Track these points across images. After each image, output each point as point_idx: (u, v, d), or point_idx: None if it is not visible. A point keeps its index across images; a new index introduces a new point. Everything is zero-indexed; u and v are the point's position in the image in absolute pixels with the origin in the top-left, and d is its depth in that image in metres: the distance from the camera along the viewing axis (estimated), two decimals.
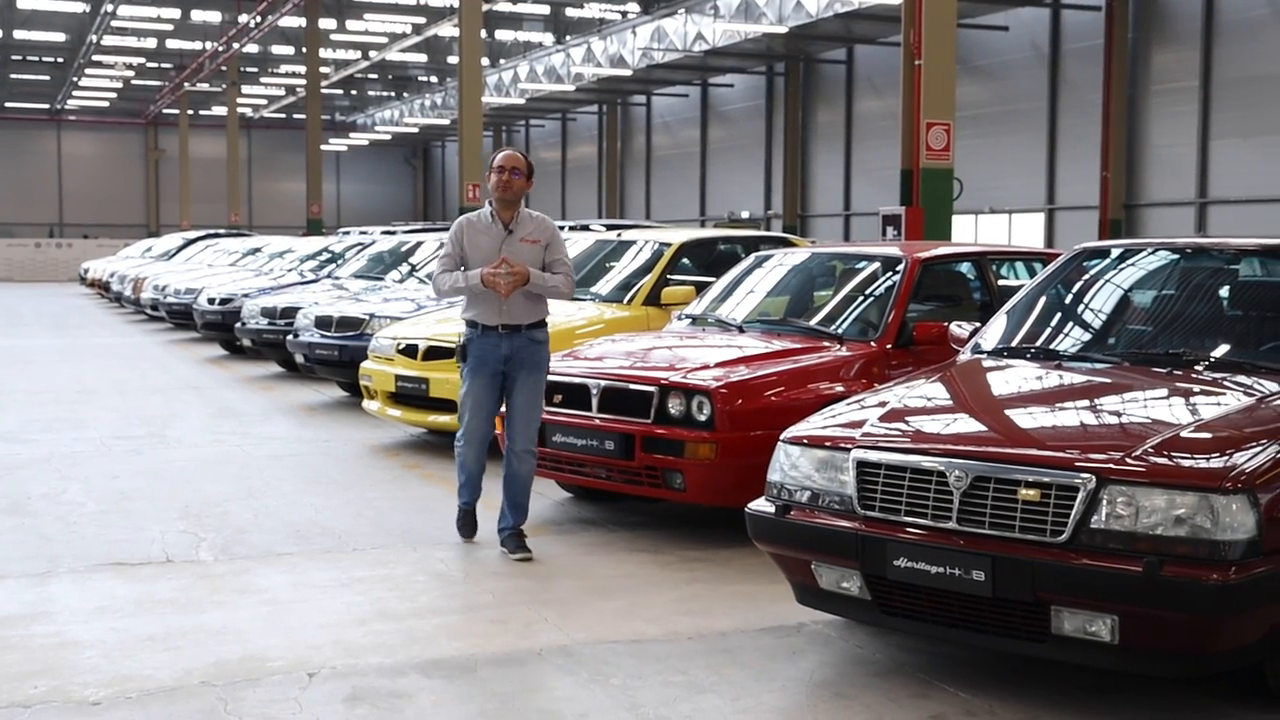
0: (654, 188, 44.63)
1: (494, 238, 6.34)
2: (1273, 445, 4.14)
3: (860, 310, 7.53)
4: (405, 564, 6.23)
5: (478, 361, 6.36)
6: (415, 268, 14.65)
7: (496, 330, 6.31)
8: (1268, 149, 23.92)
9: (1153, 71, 26.44)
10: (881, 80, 32.87)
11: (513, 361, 6.32)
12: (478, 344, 6.36)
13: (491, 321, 6.32)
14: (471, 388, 6.38)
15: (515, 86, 42.59)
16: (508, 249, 6.31)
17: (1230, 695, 4.40)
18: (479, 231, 6.39)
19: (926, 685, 4.56)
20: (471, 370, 6.38)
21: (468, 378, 6.40)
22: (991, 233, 30.00)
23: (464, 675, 4.66)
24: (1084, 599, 4.03)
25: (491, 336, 6.33)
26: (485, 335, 6.34)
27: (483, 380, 6.35)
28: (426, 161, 66.77)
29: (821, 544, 4.59)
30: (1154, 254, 6.22)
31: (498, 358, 6.32)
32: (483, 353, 6.35)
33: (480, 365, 6.35)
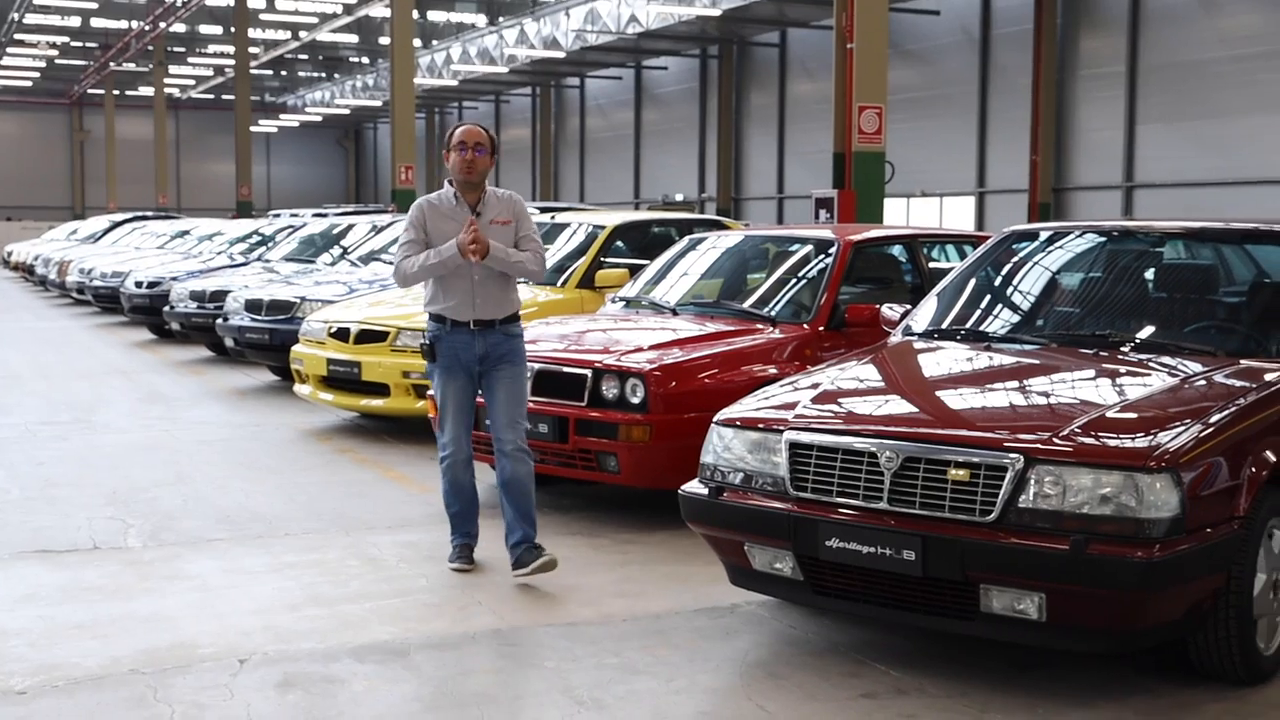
0: (588, 170, 44.56)
1: (460, 222, 5.64)
2: (1196, 425, 4.22)
3: (793, 293, 7.57)
4: (337, 549, 6.19)
5: (450, 360, 5.68)
6: (347, 250, 14.54)
7: (468, 326, 5.65)
8: (1191, 134, 24.31)
9: (1081, 57, 26.77)
10: (814, 63, 33.00)
11: (489, 360, 5.68)
12: (448, 341, 5.67)
13: (463, 316, 5.64)
14: (449, 391, 5.70)
15: (448, 68, 42.30)
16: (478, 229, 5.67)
17: (1155, 671, 4.48)
18: (443, 216, 5.70)
19: (858, 664, 4.60)
20: (444, 370, 5.69)
21: (440, 380, 5.72)
22: (923, 216, 30.26)
23: (397, 659, 4.64)
24: (1012, 577, 4.08)
25: (462, 333, 5.65)
26: (456, 332, 5.65)
27: (460, 381, 5.69)
28: (358, 143, 66.21)
29: (754, 525, 4.62)
30: (1081, 237, 6.31)
31: (472, 356, 5.66)
32: (454, 349, 5.66)
33: (453, 364, 5.67)
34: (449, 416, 5.73)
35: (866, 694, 4.32)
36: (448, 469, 5.76)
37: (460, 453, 5.75)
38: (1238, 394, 4.54)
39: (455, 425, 5.74)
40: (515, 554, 5.61)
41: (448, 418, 5.73)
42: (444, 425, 5.76)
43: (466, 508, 5.82)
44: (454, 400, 5.72)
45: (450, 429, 5.74)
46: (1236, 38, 23.64)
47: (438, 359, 5.71)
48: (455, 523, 5.84)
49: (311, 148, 64.57)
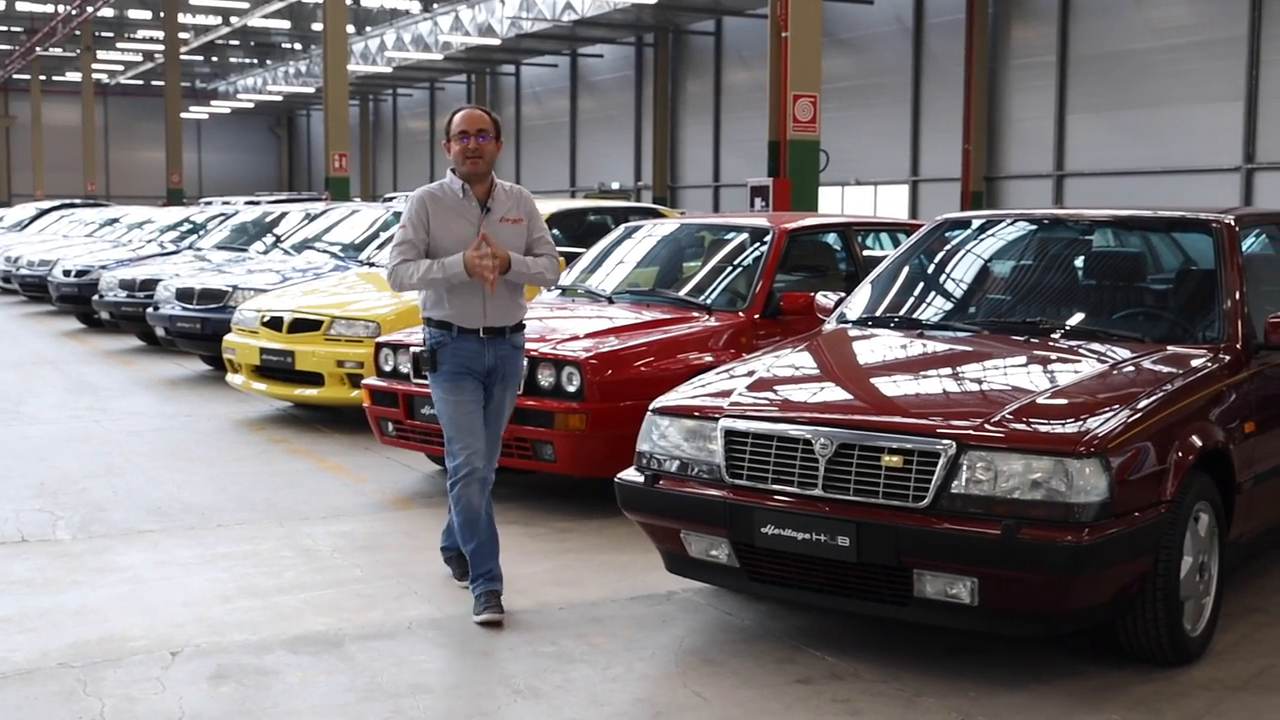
0: (524, 158, 44.39)
1: (469, 218, 5.03)
2: (1124, 410, 4.28)
3: (729, 281, 7.59)
4: (271, 539, 6.13)
5: (458, 371, 5.03)
6: (280, 239, 14.40)
7: (477, 335, 5.03)
8: (1120, 123, 24.63)
9: (1012, 46, 27.03)
10: (750, 52, 33.07)
11: (495, 373, 5.08)
12: (454, 350, 5.02)
13: (472, 324, 5.02)
14: (460, 405, 5.02)
15: (382, 55, 41.97)
16: (487, 231, 5.03)
17: (1085, 653, 4.55)
18: (448, 210, 5.05)
19: (794, 649, 4.63)
20: (452, 383, 5.03)
21: (448, 393, 5.03)
22: (857, 204, 30.45)
23: (332, 650, 4.61)
24: (945, 562, 4.12)
25: (471, 342, 5.03)
26: (463, 340, 5.03)
27: (470, 394, 5.04)
28: (291, 130, 65.56)
29: (690, 513, 4.63)
30: (1013, 225, 6.37)
31: (480, 367, 5.04)
32: (462, 358, 5.02)
33: (462, 375, 5.03)
34: (462, 430, 5.01)
35: (802, 679, 4.35)
36: (462, 491, 4.99)
37: (479, 470, 5.00)
38: (1165, 380, 4.62)
39: (472, 438, 5.02)
40: (446, 555, 5.44)
41: (460, 431, 5.01)
42: (455, 442, 5.02)
43: (486, 542, 5.03)
44: (466, 411, 5.03)
45: (466, 442, 5.01)
46: (1165, 28, 23.97)
47: (440, 368, 5.05)
48: (475, 562, 5.03)
49: (244, 135, 63.82)
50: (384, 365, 7.21)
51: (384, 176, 54.98)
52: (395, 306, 8.95)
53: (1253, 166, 22.67)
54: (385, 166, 55.47)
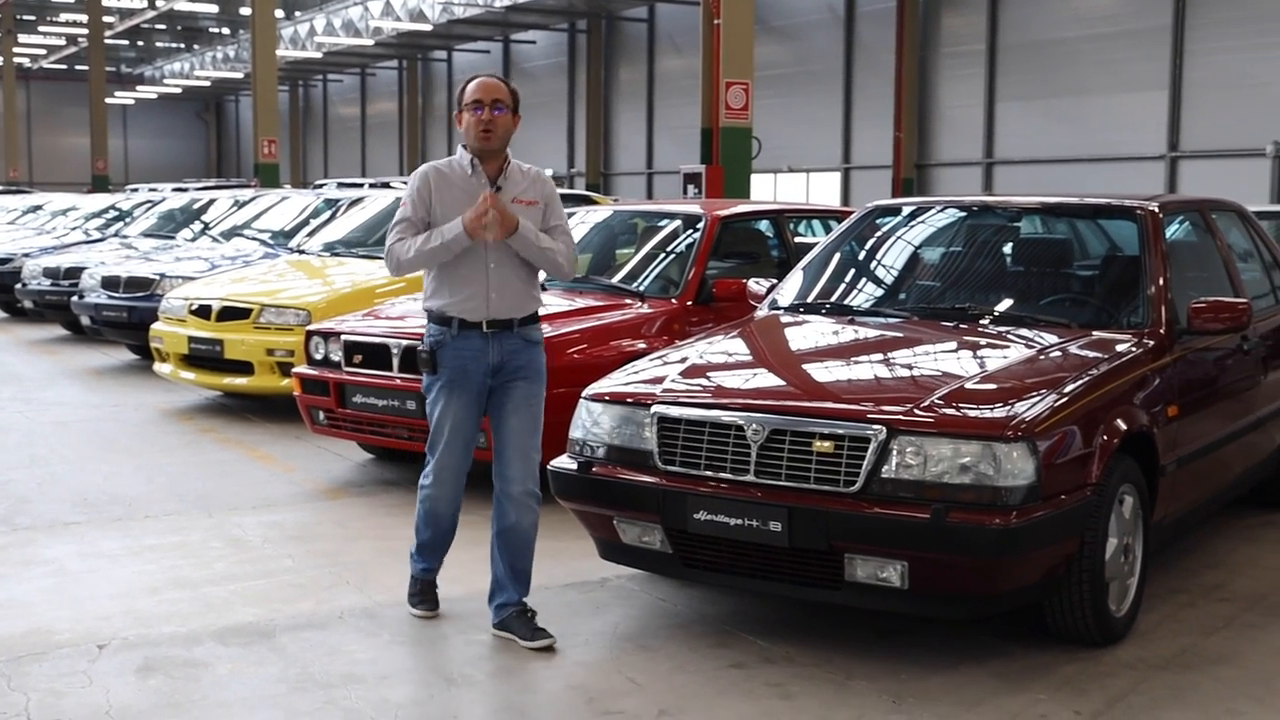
0: (456, 145, 43.92)
1: (476, 197, 4.58)
2: (1051, 395, 4.34)
3: (661, 268, 7.60)
4: (200, 530, 6.07)
5: (457, 372, 4.59)
6: (209, 226, 14.24)
7: (479, 329, 4.58)
8: (1048, 111, 24.92)
9: (943, 35, 27.25)
10: (683, 39, 33.08)
11: (503, 371, 4.62)
12: (454, 348, 4.58)
13: (474, 316, 4.57)
14: (449, 408, 4.63)
15: (312, 40, 41.52)
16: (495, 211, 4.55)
17: (1013, 634, 4.61)
18: (454, 187, 4.62)
19: (727, 635, 4.65)
20: (449, 384, 4.61)
21: (442, 394, 4.63)
22: (790, 191, 30.56)
23: (262, 641, 4.57)
24: (875, 546, 4.15)
25: (473, 338, 4.58)
26: (465, 336, 4.57)
27: (465, 398, 4.61)
28: (220, 116, 64.73)
29: (623, 499, 4.63)
30: (942, 212, 6.43)
31: (483, 367, 4.59)
32: (462, 360, 4.58)
33: (461, 377, 4.59)
34: (443, 440, 4.67)
35: (735, 664, 4.37)
36: (427, 500, 4.76)
37: (447, 488, 4.72)
38: (1090, 365, 4.68)
39: (450, 453, 4.68)
40: (502, 615, 4.66)
41: (441, 441, 4.67)
42: (434, 449, 4.70)
43: (439, 540, 4.85)
44: (454, 417, 4.64)
45: (442, 456, 4.68)
46: (1091, 17, 24.27)
47: (439, 370, 4.62)
48: (422, 551, 4.86)
49: (171, 120, 62.91)
50: (315, 353, 7.15)
51: (315, 163, 54.45)
52: (326, 294, 8.88)
53: (1177, 154, 23.03)
54: (316, 153, 54.94)
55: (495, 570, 4.71)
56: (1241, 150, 21.93)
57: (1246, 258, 6.50)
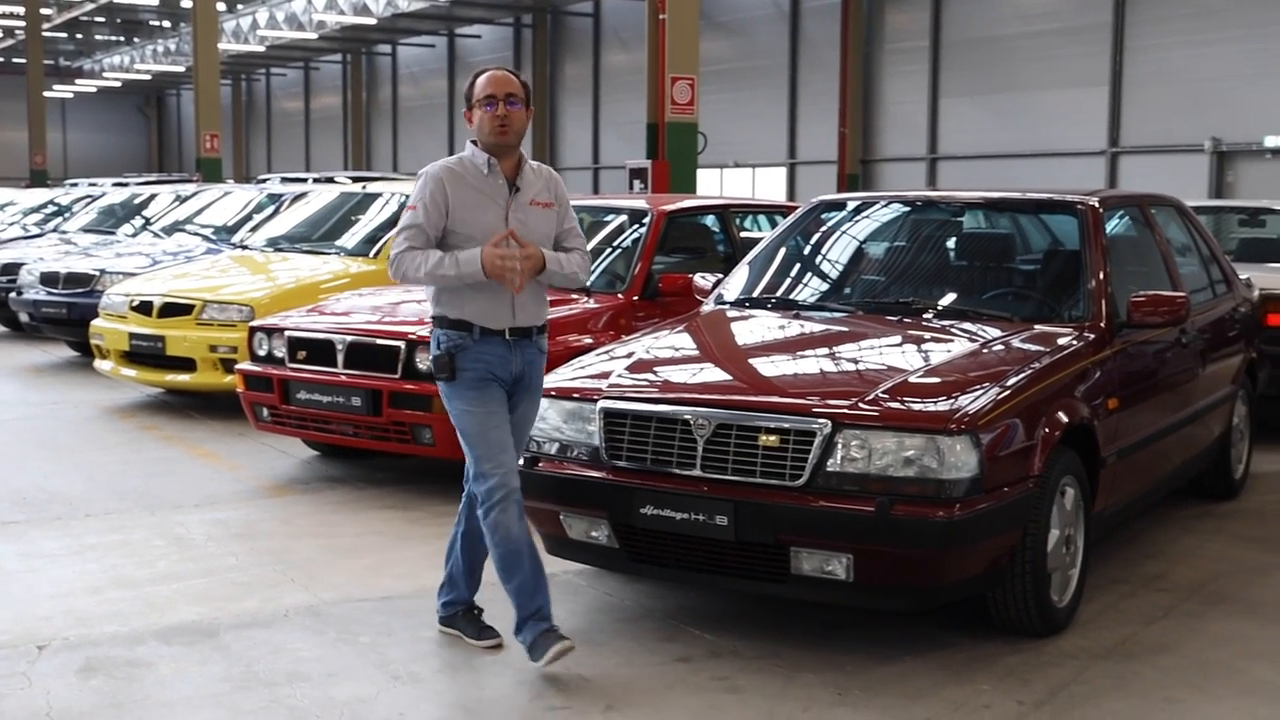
0: (401, 140, 43.90)
1: (496, 200, 4.32)
2: (994, 388, 4.38)
3: (607, 262, 7.59)
4: (142, 529, 6.00)
5: (481, 378, 4.30)
6: (150, 221, 14.08)
7: (502, 337, 4.33)
8: (990, 107, 25.13)
9: (887, 31, 27.39)
10: (628, 34, 33.06)
11: (521, 381, 4.39)
12: (476, 354, 4.30)
13: (497, 324, 4.31)
14: (489, 417, 4.28)
15: (254, 33, 41.12)
16: (516, 216, 4.33)
17: (957, 626, 4.65)
18: (470, 189, 4.32)
19: (674, 629, 4.66)
20: (476, 391, 4.29)
21: (472, 403, 4.29)
22: (736, 186, 30.65)
23: (206, 640, 4.53)
24: (821, 539, 4.17)
25: (495, 344, 4.31)
26: (486, 342, 4.30)
27: (498, 403, 4.32)
28: (161, 110, 64.00)
29: (570, 495, 4.63)
30: (886, 207, 6.47)
31: (506, 375, 4.34)
32: (485, 366, 4.30)
33: (486, 383, 4.30)
34: (493, 446, 4.28)
35: (682, 658, 4.38)
36: (499, 518, 4.24)
37: (516, 491, 4.28)
38: (1032, 358, 4.73)
39: (504, 454, 4.30)
40: (448, 612, 4.57)
41: (491, 448, 4.27)
42: (485, 461, 4.27)
43: (533, 571, 4.29)
44: (495, 424, 4.30)
45: (498, 460, 4.27)
46: (1033, 14, 24.49)
47: (460, 375, 4.31)
48: (521, 601, 4.28)
49: (111, 114, 62.12)
50: (258, 350, 7.10)
51: (258, 157, 53.97)
52: (270, 290, 8.81)
53: (1117, 150, 23.29)
54: (259, 147, 54.46)
55: (451, 568, 4.56)
56: (1180, 146, 22.22)
57: (1185, 252, 6.60)
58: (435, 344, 4.38)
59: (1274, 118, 21.01)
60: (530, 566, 4.27)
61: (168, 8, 46.66)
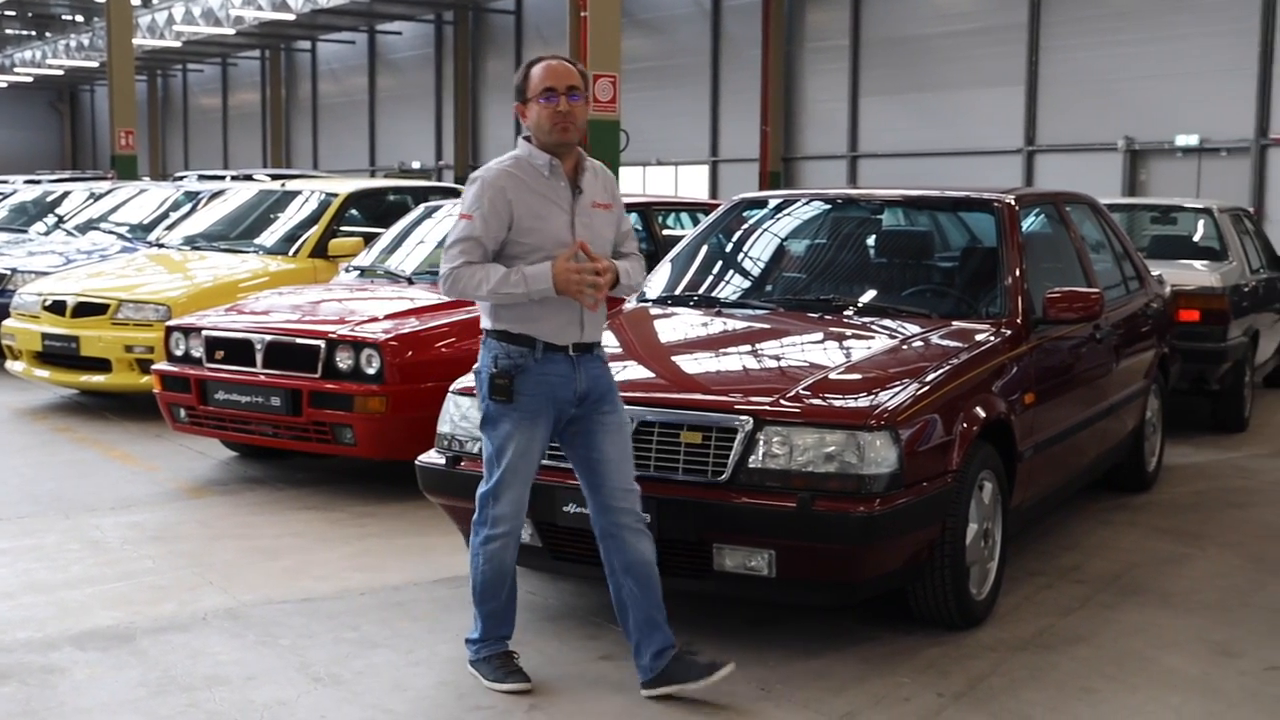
0: (321, 137, 43.46)
1: (560, 204, 3.99)
2: (913, 384, 4.42)
3: None
4: (56, 533, 5.89)
5: (539, 402, 3.98)
6: (63, 219, 13.82)
7: (565, 352, 4.02)
8: (910, 106, 25.39)
9: (808, 29, 27.56)
10: (550, 31, 32.96)
11: (589, 399, 4.05)
12: (538, 374, 3.97)
13: (563, 338, 4.00)
14: (522, 443, 3.99)
15: (170, 29, 40.52)
16: (581, 221, 4.02)
17: (878, 620, 4.69)
18: (533, 194, 3.97)
19: (597, 627, 4.66)
20: (529, 420, 3.98)
21: (518, 425, 3.98)
22: (659, 184, 30.69)
23: (122, 645, 4.45)
24: (743, 536, 4.19)
25: (559, 362, 3.99)
26: (550, 359, 3.99)
27: (541, 432, 4.02)
28: (75, 107, 62.83)
29: None
30: (808, 204, 6.52)
31: (569, 395, 4.01)
32: (549, 386, 3.98)
33: (540, 408, 3.98)
34: (519, 479, 4.03)
35: (605, 656, 4.38)
36: (495, 551, 4.06)
37: (517, 529, 4.11)
38: (951, 354, 4.78)
39: (524, 490, 4.07)
40: (658, 667, 4.04)
41: (509, 478, 4.02)
42: (504, 490, 4.02)
43: (507, 602, 4.16)
44: (528, 461, 4.04)
45: (516, 495, 4.05)
46: (951, 14, 24.78)
47: (516, 399, 3.97)
48: (489, 624, 4.15)
49: (22, 110, 60.86)
50: (175, 350, 7.00)
51: (174, 155, 53.18)
52: (187, 289, 8.69)
53: (1033, 148, 23.63)
54: (176, 144, 53.66)
55: (633, 617, 4.07)
56: (1094, 145, 22.59)
57: (1099, 249, 6.71)
58: (491, 361, 4.01)
59: (1184, 118, 21.43)
60: (509, 594, 4.14)
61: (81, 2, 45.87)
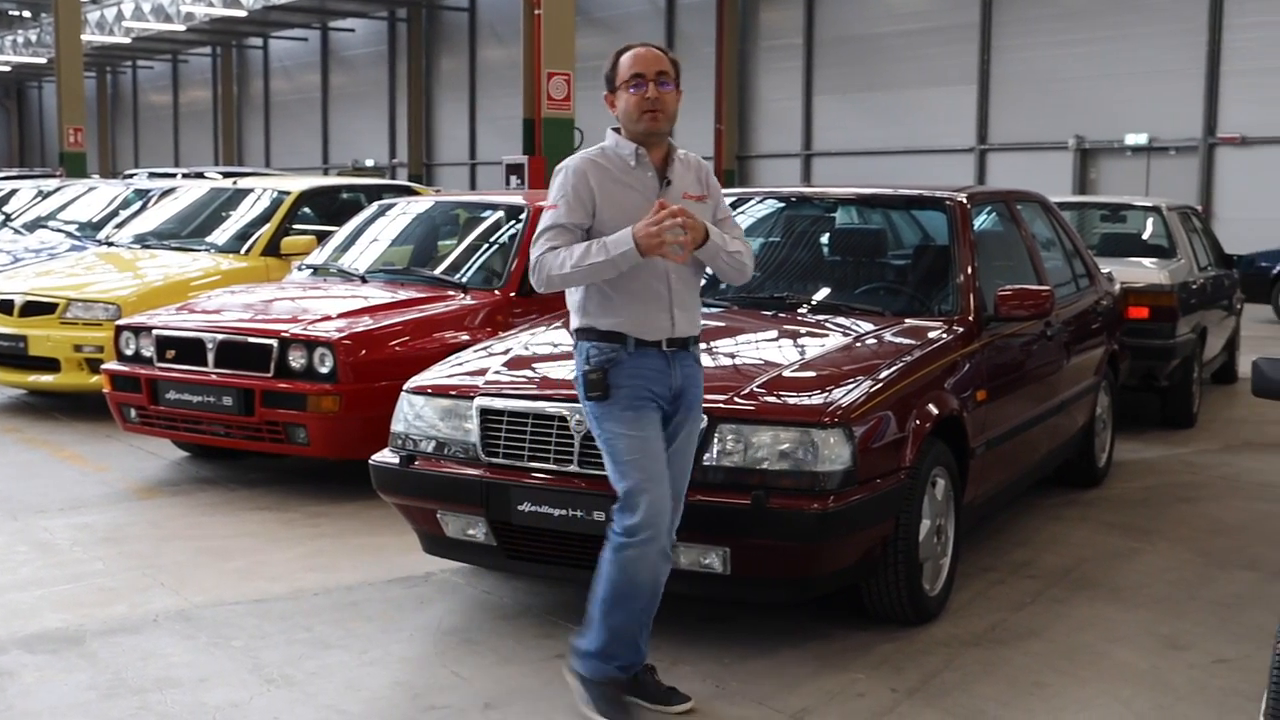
0: (274, 134, 43.18)
1: (646, 195, 3.82)
2: (866, 381, 4.44)
3: (484, 259, 7.56)
4: (4, 534, 5.82)
5: (639, 396, 3.79)
6: (10, 217, 13.66)
7: (659, 348, 3.84)
8: (863, 105, 25.53)
9: (762, 28, 27.67)
10: (504, 29, 32.91)
11: (681, 400, 3.87)
12: (632, 368, 3.80)
13: (655, 334, 3.82)
14: (646, 443, 3.76)
15: (120, 25, 40.12)
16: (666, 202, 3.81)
17: (832, 616, 4.71)
18: (617, 184, 3.82)
19: (552, 625, 4.65)
20: (634, 412, 3.77)
21: (628, 426, 3.77)
22: None
23: (71, 648, 4.41)
24: (698, 533, 4.19)
25: (652, 357, 3.82)
26: (643, 354, 3.81)
27: (655, 427, 3.80)
28: (22, 103, 62.11)
29: (447, 493, 4.60)
30: (762, 202, 6.54)
31: (665, 392, 3.83)
32: (644, 379, 3.80)
33: (643, 403, 3.79)
34: (651, 476, 3.74)
35: (560, 654, 4.36)
36: (637, 557, 3.73)
37: (664, 535, 3.76)
38: (904, 351, 4.81)
39: (660, 487, 3.74)
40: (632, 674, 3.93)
41: (649, 478, 3.74)
42: (639, 493, 3.72)
43: (637, 623, 3.85)
44: (652, 452, 3.77)
45: (654, 495, 3.72)
46: (904, 13, 24.94)
47: (614, 393, 3.78)
48: (611, 642, 3.85)
49: None
50: (125, 349, 6.93)
51: (124, 152, 52.67)
52: (137, 288, 8.61)
53: (985, 147, 23.82)
54: (126, 142, 53.15)
55: None
56: (1045, 143, 22.81)
57: (1049, 247, 6.77)
58: (584, 359, 3.83)
59: (1134, 117, 21.67)
60: (640, 618, 3.82)
61: None
